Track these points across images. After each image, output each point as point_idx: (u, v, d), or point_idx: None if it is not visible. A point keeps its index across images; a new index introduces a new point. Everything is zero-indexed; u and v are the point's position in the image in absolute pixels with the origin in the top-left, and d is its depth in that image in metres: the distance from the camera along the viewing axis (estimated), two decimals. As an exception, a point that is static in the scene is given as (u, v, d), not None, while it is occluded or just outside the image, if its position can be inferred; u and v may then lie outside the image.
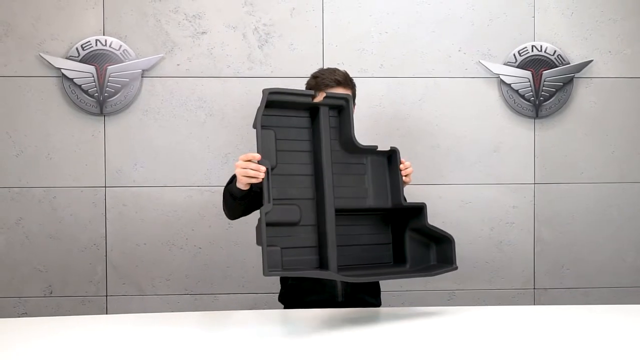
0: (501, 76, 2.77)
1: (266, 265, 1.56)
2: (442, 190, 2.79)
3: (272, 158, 1.71)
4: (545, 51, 2.77)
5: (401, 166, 1.86)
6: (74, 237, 2.70)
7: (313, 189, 1.78)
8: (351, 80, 2.08)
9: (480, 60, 2.78)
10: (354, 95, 2.10)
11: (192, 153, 2.73)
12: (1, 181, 2.68)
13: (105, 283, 2.72)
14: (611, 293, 2.82)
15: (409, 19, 2.77)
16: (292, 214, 1.72)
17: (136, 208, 2.71)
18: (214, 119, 2.73)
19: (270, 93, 1.69)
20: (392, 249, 1.89)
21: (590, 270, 2.83)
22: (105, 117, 2.70)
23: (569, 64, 2.78)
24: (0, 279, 2.69)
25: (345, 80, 2.03)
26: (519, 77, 2.77)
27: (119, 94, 2.68)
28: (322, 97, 1.83)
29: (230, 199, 1.90)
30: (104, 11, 2.69)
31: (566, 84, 2.79)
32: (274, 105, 1.71)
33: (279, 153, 1.74)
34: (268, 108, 1.70)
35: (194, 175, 2.73)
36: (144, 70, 2.69)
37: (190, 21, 2.72)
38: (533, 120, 2.80)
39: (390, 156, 1.89)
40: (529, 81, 2.77)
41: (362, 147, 1.84)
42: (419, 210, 1.84)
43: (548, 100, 2.79)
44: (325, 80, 2.00)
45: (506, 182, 2.81)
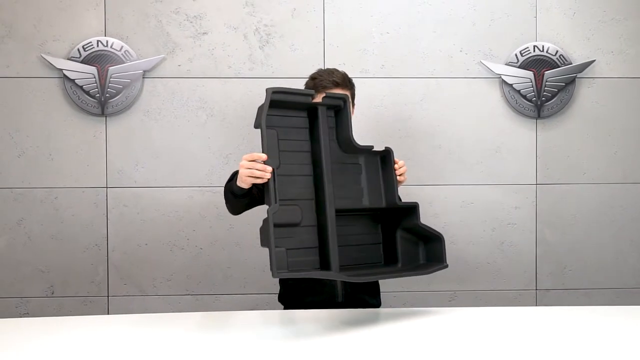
0: (503, 76, 2.76)
1: (275, 267, 1.55)
2: (444, 191, 2.79)
3: (276, 158, 1.70)
4: (547, 51, 2.76)
5: (395, 166, 1.86)
6: (75, 238, 2.71)
7: (312, 189, 1.77)
8: (350, 81, 2.07)
9: (482, 61, 2.77)
10: (353, 96, 2.09)
11: (193, 153, 2.73)
12: (3, 182, 2.69)
13: (107, 283, 2.73)
14: (614, 294, 2.81)
15: (410, 19, 2.77)
16: (294, 214, 1.71)
17: (137, 209, 2.72)
18: (214, 119, 2.73)
19: (274, 92, 1.68)
20: (383, 249, 1.89)
21: (592, 271, 2.82)
22: (107, 118, 2.70)
23: (571, 64, 2.77)
24: (3, 279, 2.70)
25: (344, 81, 2.02)
26: (521, 78, 2.76)
27: (120, 95, 2.68)
28: (321, 98, 1.82)
29: (231, 196, 1.90)
30: (105, 12, 2.69)
31: (568, 84, 2.77)
32: (274, 105, 1.70)
33: (281, 153, 1.73)
34: (271, 108, 1.69)
35: (195, 175, 2.73)
36: (145, 71, 2.69)
37: (191, 22, 2.72)
38: (535, 120, 2.79)
39: (384, 156, 1.89)
40: (531, 81, 2.76)
41: (360, 147, 1.84)
42: (412, 210, 1.84)
43: (550, 100, 2.78)
44: (323, 82, 1.99)
45: (508, 183, 2.80)
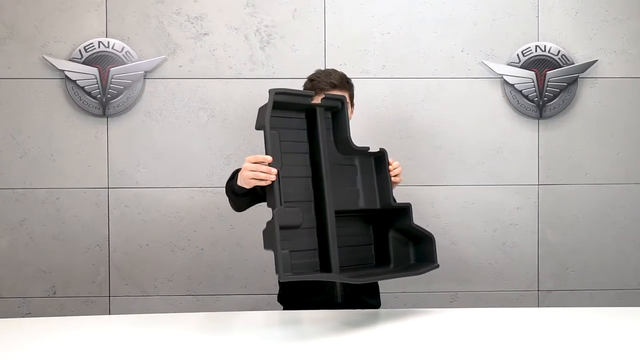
0: (504, 76, 2.75)
1: (282, 270, 1.55)
2: (445, 192, 2.78)
3: (279, 160, 1.68)
4: (549, 51, 2.75)
5: (390, 167, 1.85)
6: (77, 238, 2.72)
7: (311, 191, 1.77)
8: (348, 82, 2.06)
9: (483, 61, 2.76)
10: (352, 97, 2.08)
11: (194, 154, 2.73)
12: (5, 182, 2.70)
13: (108, 284, 2.73)
14: (616, 295, 2.79)
15: (411, 19, 2.76)
16: (296, 216, 1.70)
17: (139, 209, 2.72)
18: (215, 120, 2.73)
19: (277, 93, 1.67)
20: (375, 250, 1.88)
21: (594, 272, 2.80)
22: (108, 119, 2.71)
23: (574, 64, 2.76)
24: (5, 280, 2.71)
25: (342, 82, 2.01)
26: (523, 78, 2.75)
27: (121, 96, 2.69)
28: (319, 100, 1.82)
29: (232, 195, 1.90)
30: (107, 13, 2.70)
31: (570, 84, 2.76)
32: (275, 106, 1.69)
33: (282, 155, 1.73)
34: (272, 109, 1.68)
35: (196, 176, 2.73)
36: (146, 72, 2.70)
37: (192, 23, 2.72)
38: (537, 120, 2.78)
39: (379, 157, 1.88)
40: (533, 81, 2.75)
41: (356, 149, 1.83)
42: (405, 211, 1.84)
43: (552, 100, 2.76)
44: (320, 84, 1.99)
45: (510, 184, 2.79)
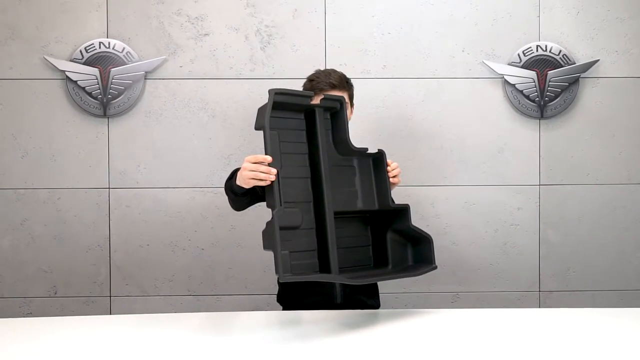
0: (505, 76, 2.74)
1: (281, 270, 1.55)
2: (446, 192, 2.77)
3: (278, 160, 1.69)
4: (550, 51, 2.74)
5: (388, 168, 1.85)
6: (78, 238, 2.73)
7: (310, 191, 1.77)
8: (348, 82, 2.06)
9: (484, 61, 2.75)
10: (351, 97, 2.08)
11: (195, 154, 2.73)
12: (7, 182, 2.70)
13: (109, 284, 2.74)
14: (618, 296, 2.78)
15: (412, 19, 2.76)
16: (295, 217, 1.70)
17: (139, 209, 2.73)
18: (216, 120, 2.73)
19: (277, 94, 1.67)
20: (373, 251, 1.88)
21: (596, 272, 2.79)
22: (109, 119, 2.72)
23: (575, 63, 2.75)
24: (6, 280, 2.72)
25: (341, 83, 2.02)
26: (524, 78, 2.74)
27: (122, 96, 2.69)
28: (319, 100, 1.82)
29: (231, 194, 1.90)
30: (108, 14, 2.70)
31: (572, 84, 2.75)
32: (274, 107, 1.69)
33: (282, 155, 1.73)
34: (272, 109, 1.68)
35: (197, 176, 2.73)
36: (146, 72, 2.70)
37: (192, 23, 2.72)
38: (538, 120, 2.77)
39: (377, 158, 1.87)
40: (534, 81, 2.74)
41: (355, 149, 1.83)
42: (403, 212, 1.84)
43: (553, 100, 2.75)
44: (320, 84, 1.99)
45: (511, 184, 2.78)
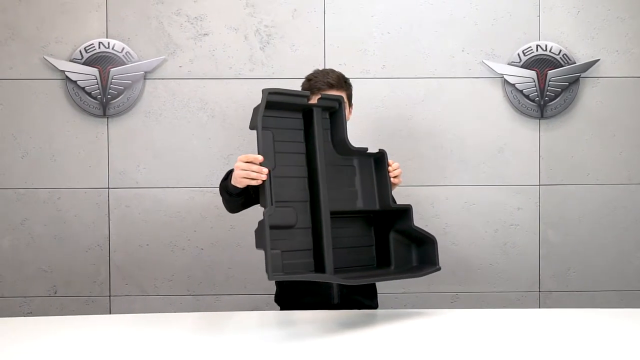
0: (505, 76, 2.74)
1: (270, 269, 1.55)
2: (445, 192, 2.77)
3: (272, 160, 1.69)
4: (550, 51, 2.73)
5: (389, 168, 1.85)
6: (78, 238, 2.73)
7: (307, 191, 1.77)
8: (346, 82, 2.06)
9: (484, 61, 2.75)
10: (349, 97, 2.08)
11: (194, 154, 2.74)
12: (7, 182, 2.71)
13: (109, 283, 2.74)
14: (618, 296, 2.77)
15: (411, 19, 2.75)
16: (289, 216, 1.70)
17: (139, 209, 2.73)
18: (215, 120, 2.74)
19: (270, 93, 1.68)
20: (376, 251, 1.88)
21: (596, 273, 2.78)
22: (108, 119, 2.72)
23: (575, 63, 2.74)
24: (6, 279, 2.73)
25: (339, 83, 2.01)
26: (524, 77, 2.73)
27: (121, 96, 2.70)
28: (317, 100, 1.82)
29: (226, 195, 1.90)
30: (107, 14, 2.71)
31: (572, 83, 2.74)
32: (270, 106, 1.70)
33: (276, 155, 1.73)
34: (267, 109, 1.69)
35: (196, 176, 2.73)
36: (146, 72, 2.71)
37: (192, 23, 2.73)
38: (538, 120, 2.76)
39: (378, 158, 1.87)
40: (534, 81, 2.73)
41: (354, 149, 1.82)
42: (405, 212, 1.83)
43: (553, 100, 2.74)
44: (317, 84, 1.99)
45: (511, 184, 2.77)
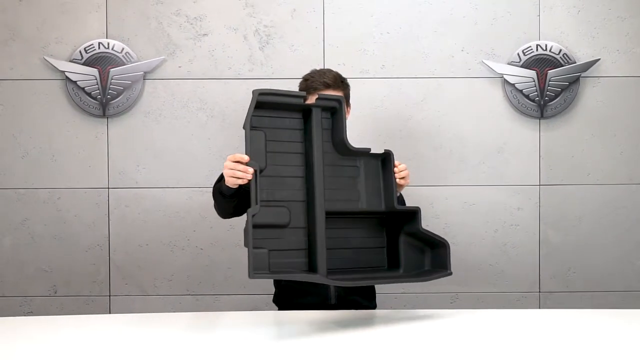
0: (505, 76, 2.73)
1: (252, 268, 1.56)
2: (445, 192, 2.76)
3: (262, 159, 1.69)
4: (550, 50, 2.72)
5: (395, 169, 1.82)
6: (77, 238, 2.74)
7: (304, 191, 1.77)
8: (343, 82, 2.06)
9: (484, 60, 2.74)
10: (347, 97, 2.08)
11: (194, 154, 2.74)
12: (7, 182, 2.72)
13: (109, 283, 2.75)
14: (619, 297, 2.76)
15: (411, 18, 2.75)
16: (281, 216, 1.70)
17: (138, 209, 2.74)
18: (215, 120, 2.74)
19: (260, 94, 1.68)
20: (387, 253, 1.85)
21: (597, 273, 2.77)
22: (108, 119, 2.73)
23: (575, 63, 2.73)
24: (7, 279, 2.74)
25: (335, 82, 2.01)
26: (523, 77, 2.72)
27: (121, 96, 2.70)
28: (314, 100, 1.81)
29: (219, 196, 1.90)
30: (107, 14, 2.71)
31: (572, 83, 2.73)
32: (267, 107, 1.70)
33: (270, 154, 1.73)
34: (260, 109, 1.69)
35: (196, 176, 2.74)
36: (145, 73, 2.71)
37: (191, 23, 2.73)
38: (538, 120, 2.76)
39: (384, 159, 1.86)
40: (534, 81, 2.73)
41: (354, 150, 1.82)
42: (412, 215, 1.81)
43: (553, 100, 2.73)
44: (314, 84, 1.99)
45: (511, 184, 2.77)
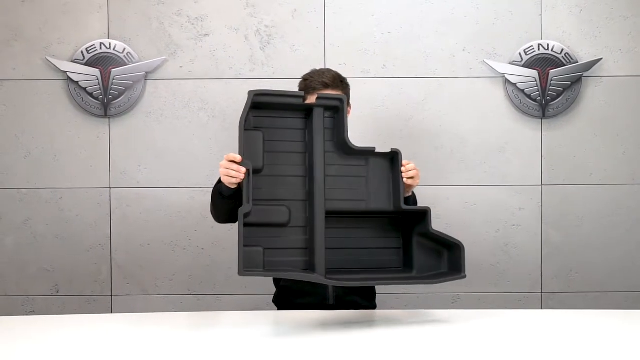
0: (506, 76, 2.72)
1: (242, 265, 1.56)
2: (446, 192, 2.76)
3: (258, 159, 1.70)
4: (552, 50, 2.71)
5: (402, 168, 1.80)
6: (79, 238, 2.75)
7: (305, 190, 1.77)
8: (342, 82, 2.05)
9: (485, 60, 2.73)
10: (347, 96, 2.07)
11: (195, 154, 2.74)
12: (10, 182, 2.73)
13: (110, 283, 2.76)
14: (621, 297, 2.75)
15: (412, 18, 2.74)
16: (280, 215, 1.71)
17: (140, 209, 2.74)
18: (216, 120, 2.74)
19: (256, 95, 1.68)
20: (402, 254, 1.82)
21: (599, 273, 2.76)
22: (110, 119, 2.74)
23: (577, 62, 2.72)
24: (9, 278, 2.75)
25: (334, 82, 2.00)
26: (525, 77, 2.72)
27: (123, 96, 2.71)
28: (314, 100, 1.81)
29: (219, 197, 1.90)
30: (109, 15, 2.72)
31: (574, 83, 2.72)
32: (266, 107, 1.70)
33: (271, 154, 1.73)
34: (260, 109, 1.70)
35: (197, 176, 2.74)
36: (147, 73, 2.72)
37: (192, 24, 2.74)
38: (540, 120, 2.75)
39: (392, 158, 1.83)
40: (535, 80, 2.72)
41: (359, 149, 1.81)
42: (422, 215, 1.77)
43: (555, 99, 2.73)
44: (312, 84, 1.98)
45: (512, 184, 2.76)
